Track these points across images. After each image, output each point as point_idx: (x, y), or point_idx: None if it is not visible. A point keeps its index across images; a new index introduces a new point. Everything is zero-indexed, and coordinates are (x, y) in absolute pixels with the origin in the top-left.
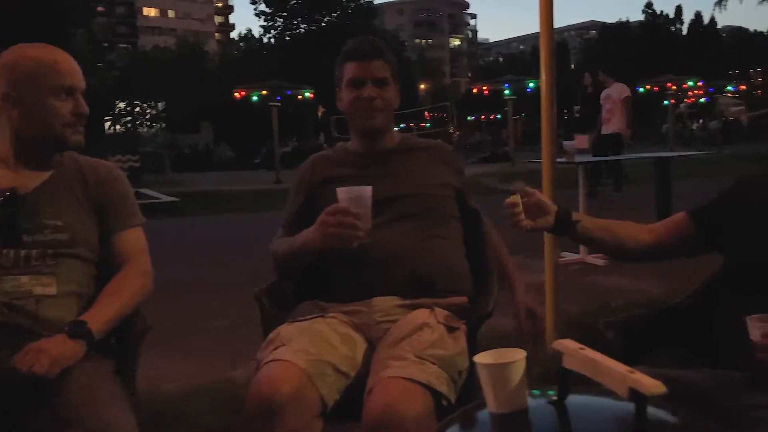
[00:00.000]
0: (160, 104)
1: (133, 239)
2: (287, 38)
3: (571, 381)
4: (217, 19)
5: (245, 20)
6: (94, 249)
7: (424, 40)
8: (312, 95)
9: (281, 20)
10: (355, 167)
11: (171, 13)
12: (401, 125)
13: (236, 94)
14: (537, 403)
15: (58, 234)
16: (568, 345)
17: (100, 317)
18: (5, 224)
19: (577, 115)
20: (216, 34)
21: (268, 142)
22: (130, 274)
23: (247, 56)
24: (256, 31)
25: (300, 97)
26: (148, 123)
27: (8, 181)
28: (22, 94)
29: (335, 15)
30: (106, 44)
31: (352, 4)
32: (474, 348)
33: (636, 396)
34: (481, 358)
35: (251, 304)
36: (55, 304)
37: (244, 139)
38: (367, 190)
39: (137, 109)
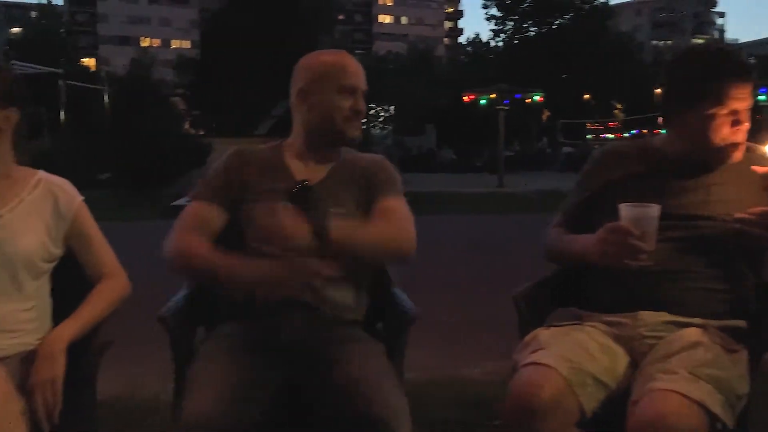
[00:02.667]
0: (391, 108)
1: None
2: (516, 41)
3: None
4: (447, 24)
5: (473, 25)
6: None
7: (662, 42)
8: (542, 99)
9: (511, 24)
10: (659, 170)
11: (404, 20)
12: (632, 131)
13: (465, 98)
14: None
15: None
16: None
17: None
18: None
19: None
20: (445, 39)
21: (490, 146)
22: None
23: (475, 60)
24: (484, 35)
25: (528, 100)
26: (381, 125)
27: (301, 172)
28: (313, 90)
29: (568, 17)
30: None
31: (587, 6)
32: (755, 375)
33: None
34: None
35: (474, 305)
36: (337, 285)
37: (464, 142)
38: (654, 210)
39: (371, 111)
